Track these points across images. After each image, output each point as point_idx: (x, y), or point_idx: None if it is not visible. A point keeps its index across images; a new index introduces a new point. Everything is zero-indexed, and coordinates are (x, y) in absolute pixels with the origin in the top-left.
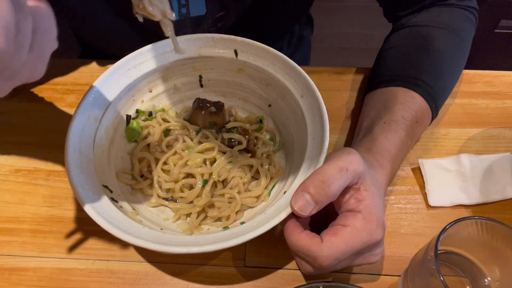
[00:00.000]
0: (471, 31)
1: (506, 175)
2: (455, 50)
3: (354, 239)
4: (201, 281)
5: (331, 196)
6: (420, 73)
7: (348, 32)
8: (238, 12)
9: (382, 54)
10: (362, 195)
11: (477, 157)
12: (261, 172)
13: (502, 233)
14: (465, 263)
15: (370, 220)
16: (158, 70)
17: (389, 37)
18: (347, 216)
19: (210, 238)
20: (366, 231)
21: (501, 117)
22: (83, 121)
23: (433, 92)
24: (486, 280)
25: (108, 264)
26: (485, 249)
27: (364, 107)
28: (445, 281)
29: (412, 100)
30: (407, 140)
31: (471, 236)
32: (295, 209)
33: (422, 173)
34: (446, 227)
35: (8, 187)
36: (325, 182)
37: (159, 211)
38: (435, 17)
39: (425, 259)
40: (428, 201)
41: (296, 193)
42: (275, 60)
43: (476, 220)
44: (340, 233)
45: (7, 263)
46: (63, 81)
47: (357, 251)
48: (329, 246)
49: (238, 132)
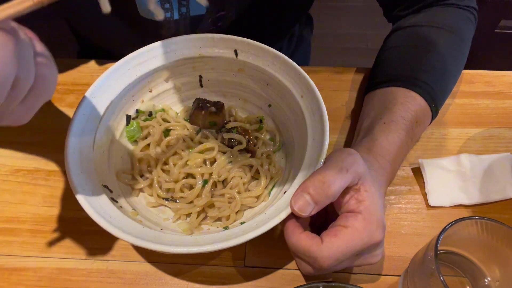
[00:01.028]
0: (470, 31)
1: (506, 175)
2: (455, 50)
3: (354, 240)
4: (201, 281)
5: (331, 196)
6: (420, 73)
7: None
8: (238, 12)
9: (382, 54)
10: (363, 195)
11: (477, 157)
12: (261, 172)
13: (502, 233)
14: (465, 263)
15: (371, 221)
16: (158, 70)
17: (388, 37)
18: (348, 217)
19: (210, 238)
20: (366, 232)
21: (501, 117)
22: (83, 121)
23: (433, 92)
24: (486, 280)
25: (108, 264)
26: (485, 249)
27: (364, 107)
28: (445, 281)
29: (412, 101)
30: (407, 140)
31: (471, 236)
32: (295, 209)
33: (422, 173)
34: (446, 227)
35: (8, 187)
36: (325, 182)
37: (159, 211)
38: (435, 17)
39: (425, 259)
40: (428, 201)
41: (296, 193)
42: (275, 60)
43: (476, 220)
44: (340, 234)
45: (7, 263)
46: (63, 81)
47: (358, 252)
48: (330, 247)
49: (238, 132)
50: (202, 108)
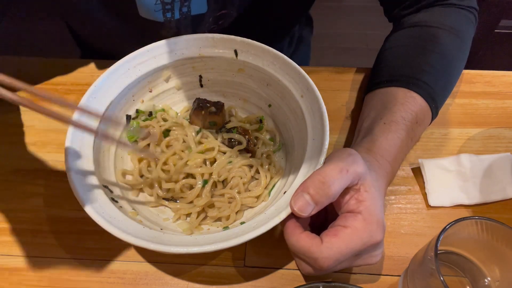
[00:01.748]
0: (471, 31)
1: (506, 175)
2: (455, 50)
3: (354, 240)
4: (201, 281)
5: (331, 197)
6: (420, 73)
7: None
8: (239, 11)
9: (382, 54)
10: (363, 196)
11: (477, 157)
12: (261, 172)
13: (502, 233)
14: (465, 263)
15: (371, 221)
16: (158, 70)
17: (389, 37)
18: (347, 217)
19: (210, 238)
20: (366, 232)
21: (501, 117)
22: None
23: (433, 92)
24: (486, 280)
25: (108, 264)
26: (485, 249)
27: (364, 108)
28: (445, 281)
29: (412, 101)
30: (407, 141)
31: (471, 236)
32: (295, 210)
33: (422, 173)
34: (446, 227)
35: (8, 187)
36: (325, 183)
37: (159, 211)
38: (435, 17)
39: (425, 259)
40: (428, 201)
41: (296, 193)
42: (275, 60)
43: (476, 220)
44: (340, 234)
45: (7, 263)
46: (63, 81)
47: (357, 252)
48: (329, 247)
49: (238, 132)
50: (202, 108)
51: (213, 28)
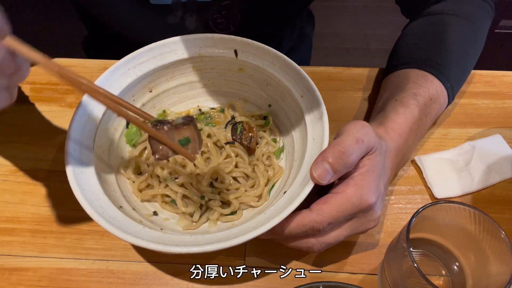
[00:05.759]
0: (487, 23)
1: (500, 156)
2: (469, 35)
3: (344, 204)
4: (201, 281)
5: (349, 166)
6: (433, 55)
7: (348, 32)
8: (243, 1)
9: (398, 42)
10: (363, 162)
11: (469, 144)
12: (258, 173)
13: (475, 219)
14: (439, 249)
15: (361, 185)
16: (158, 70)
17: (406, 26)
18: (340, 184)
19: (210, 238)
20: (356, 196)
21: (501, 117)
22: (83, 121)
23: (447, 72)
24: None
25: (108, 264)
26: (459, 235)
27: (380, 91)
28: (413, 259)
29: (423, 78)
30: (421, 116)
31: (445, 221)
32: (315, 177)
33: (420, 168)
34: (419, 209)
35: (8, 187)
36: (344, 152)
37: (159, 211)
38: (451, 6)
39: (398, 244)
40: (434, 194)
41: (316, 162)
42: (275, 60)
43: (449, 205)
44: (330, 201)
45: (7, 263)
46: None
47: (349, 215)
48: (320, 213)
49: (243, 128)
50: (163, 123)
51: (216, 17)
